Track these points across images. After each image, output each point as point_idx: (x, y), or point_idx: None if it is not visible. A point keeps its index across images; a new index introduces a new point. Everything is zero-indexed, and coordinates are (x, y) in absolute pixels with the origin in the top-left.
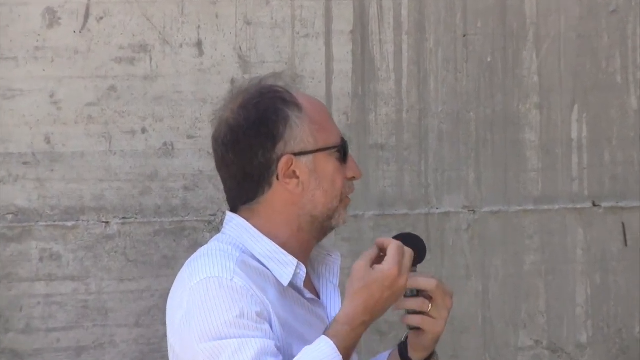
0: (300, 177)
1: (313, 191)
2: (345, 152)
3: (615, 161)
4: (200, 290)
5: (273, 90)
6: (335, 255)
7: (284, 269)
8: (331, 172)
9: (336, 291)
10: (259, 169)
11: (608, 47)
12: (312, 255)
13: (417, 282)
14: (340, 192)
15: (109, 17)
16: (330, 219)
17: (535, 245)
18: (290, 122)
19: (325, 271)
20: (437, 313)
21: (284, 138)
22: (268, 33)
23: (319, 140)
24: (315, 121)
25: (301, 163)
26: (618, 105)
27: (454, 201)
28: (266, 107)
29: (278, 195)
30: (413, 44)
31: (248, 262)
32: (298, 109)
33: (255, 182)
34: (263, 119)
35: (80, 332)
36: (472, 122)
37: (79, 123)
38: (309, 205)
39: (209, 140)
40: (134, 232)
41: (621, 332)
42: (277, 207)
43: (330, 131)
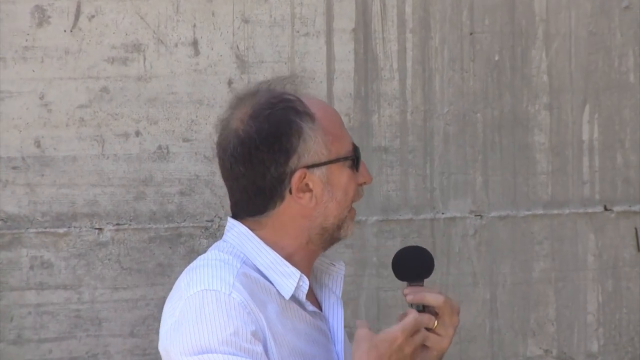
0: (314, 190)
1: (326, 203)
2: (358, 159)
3: (627, 164)
4: (196, 302)
5: (285, 99)
6: (340, 265)
7: (286, 281)
8: (344, 182)
9: (339, 303)
10: (271, 183)
11: (621, 45)
12: (315, 264)
13: (424, 298)
14: (350, 202)
15: (100, 15)
16: (339, 230)
17: (545, 251)
18: (304, 135)
19: (329, 281)
20: (443, 330)
21: (298, 152)
22: (266, 31)
23: (332, 151)
24: (328, 131)
25: (314, 176)
26: (631, 105)
27: (460, 206)
28: (279, 119)
29: (289, 209)
30: (417, 42)
31: (249, 274)
32: (311, 120)
33: (266, 196)
34: (276, 133)
35: (73, 343)
36: (479, 124)
37: (70, 126)
38: (320, 218)
39: (205, 143)
40: (128, 238)
41: (633, 340)
42: (286, 221)
43: (343, 139)
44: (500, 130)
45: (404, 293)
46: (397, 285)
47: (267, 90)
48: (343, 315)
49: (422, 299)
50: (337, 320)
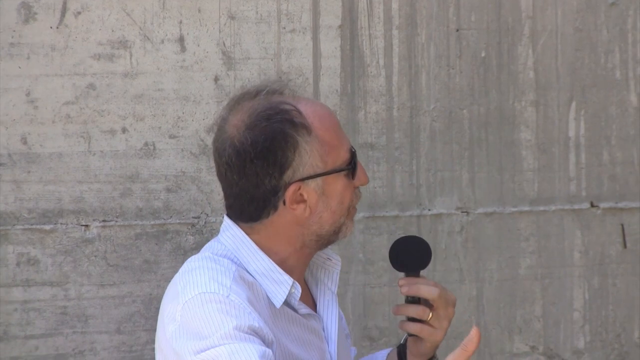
0: (308, 201)
1: (320, 213)
2: (355, 166)
3: (614, 161)
4: (195, 305)
5: (282, 110)
6: (336, 260)
7: (278, 289)
8: (340, 191)
9: (333, 300)
10: (264, 194)
11: (607, 42)
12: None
13: (419, 290)
14: (347, 208)
15: (87, 12)
16: (337, 234)
17: (531, 248)
18: (300, 149)
19: (324, 277)
20: (437, 322)
21: (293, 166)
22: (253, 28)
23: (328, 163)
24: (324, 142)
25: (309, 187)
26: (617, 102)
27: (446, 202)
28: (275, 132)
29: (283, 217)
30: (404, 39)
31: (245, 278)
32: (307, 132)
33: (259, 205)
34: (271, 147)
35: (59, 340)
36: (465, 120)
37: (56, 122)
38: (315, 226)
39: (191, 139)
40: (114, 235)
41: (620, 337)
42: (280, 228)
43: (339, 148)
44: (487, 127)
45: (399, 284)
46: (384, 281)
47: (265, 97)
48: (337, 314)
49: (417, 291)
50: (331, 319)
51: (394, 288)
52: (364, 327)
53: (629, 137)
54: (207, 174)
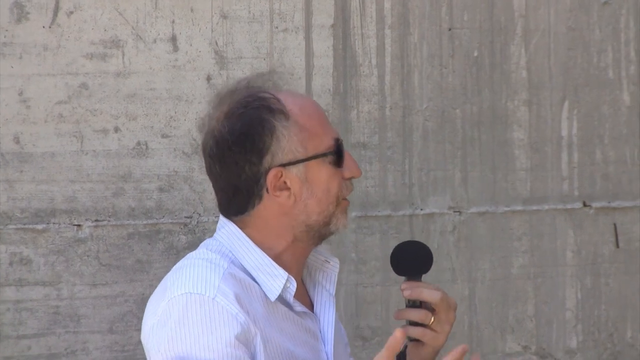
0: (292, 188)
1: (305, 201)
2: (340, 154)
3: (606, 160)
4: (179, 305)
5: (259, 97)
6: (334, 262)
7: (273, 282)
8: (325, 179)
9: (331, 301)
10: (246, 183)
11: (600, 41)
12: (308, 261)
13: (421, 294)
14: (335, 197)
15: (79, 11)
16: (327, 225)
17: (524, 247)
18: (277, 133)
19: (322, 279)
20: (439, 326)
21: (271, 150)
22: (245, 27)
23: (309, 148)
24: (304, 128)
25: (291, 173)
26: (610, 101)
27: (439, 202)
28: (251, 118)
29: (269, 207)
30: (396, 38)
31: (236, 275)
32: (285, 118)
33: (244, 196)
34: (248, 132)
35: (51, 339)
36: (458, 120)
37: (49, 122)
38: (302, 216)
39: (184, 139)
40: (106, 235)
41: (612, 336)
42: (269, 219)
43: (321, 136)
44: (479, 127)
45: (401, 288)
46: (376, 281)
47: (245, 88)
48: (334, 315)
49: (419, 295)
50: (328, 319)
51: (387, 287)
52: (356, 327)
53: (621, 136)
54: (199, 174)
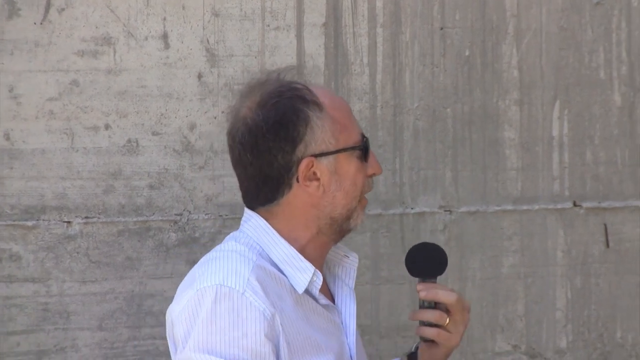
0: (321, 179)
1: (333, 192)
2: (367, 149)
3: (597, 160)
4: (209, 297)
5: (293, 87)
6: (353, 257)
7: (300, 276)
8: (353, 172)
9: (351, 295)
10: (278, 171)
11: (591, 41)
12: (328, 257)
13: (437, 295)
14: (360, 192)
15: (71, 8)
16: (348, 220)
17: (514, 247)
18: (311, 123)
19: (342, 273)
20: (454, 327)
21: (305, 140)
22: (237, 25)
23: (340, 141)
24: (336, 120)
25: (322, 165)
26: (601, 101)
27: (429, 201)
28: (285, 107)
29: (298, 197)
30: (388, 37)
31: (265, 268)
32: (319, 109)
33: (274, 185)
34: (282, 121)
35: (41, 336)
36: (449, 119)
37: (39, 119)
38: (329, 208)
39: (174, 136)
40: (96, 232)
41: (602, 336)
42: (296, 209)
43: (351, 130)
44: (470, 126)
45: (417, 289)
46: (366, 279)
47: (277, 79)
48: (355, 308)
49: (435, 296)
50: (350, 312)
51: (377, 286)
52: None
53: (612, 136)
54: (190, 171)
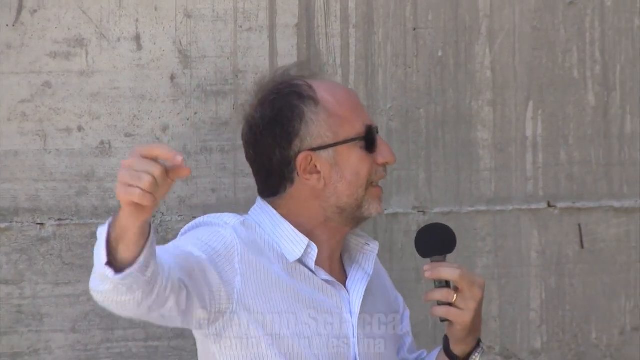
0: (322, 172)
1: (335, 184)
2: (372, 140)
3: (571, 160)
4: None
5: (291, 84)
6: (373, 245)
7: (293, 247)
8: (355, 163)
9: (364, 279)
10: (278, 166)
11: (565, 41)
12: (351, 244)
13: (440, 273)
14: (365, 182)
15: (43, 10)
16: (359, 208)
17: (488, 247)
18: (306, 118)
19: (362, 259)
20: (463, 303)
21: (300, 135)
22: (209, 26)
23: (338, 134)
24: (334, 114)
25: (321, 158)
26: (575, 101)
27: (403, 202)
28: (281, 104)
29: (301, 190)
30: (361, 37)
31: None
32: (314, 104)
33: (277, 179)
34: (278, 117)
35: (14, 338)
36: (422, 120)
37: (12, 120)
38: (333, 198)
39: (147, 138)
40: (70, 234)
41: (577, 337)
42: (301, 202)
43: (353, 122)
44: (444, 126)
45: (423, 270)
46: None
47: (281, 76)
48: (363, 292)
49: (439, 274)
50: (358, 293)
51: None
52: None
53: (586, 136)
54: None
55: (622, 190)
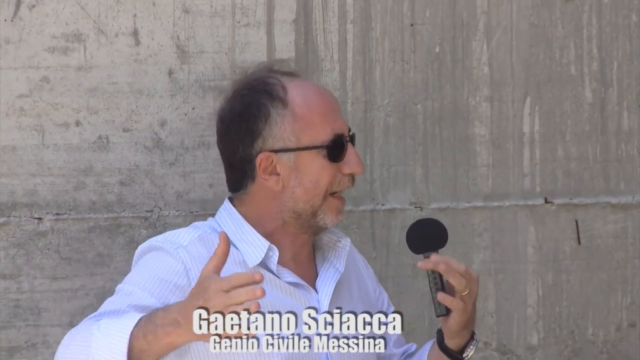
0: (281, 174)
1: (293, 188)
2: (338, 148)
3: (568, 156)
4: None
5: (265, 82)
6: (345, 241)
7: (254, 251)
8: (315, 171)
9: (333, 278)
10: (240, 162)
11: (562, 38)
12: (323, 242)
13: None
14: (324, 191)
15: (41, 5)
16: (314, 217)
17: (485, 243)
18: (270, 119)
19: (333, 257)
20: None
21: (263, 135)
22: (207, 22)
23: (302, 139)
24: (300, 118)
25: (282, 160)
26: (572, 97)
27: (400, 197)
28: (250, 101)
29: (261, 189)
30: (358, 33)
31: (213, 241)
32: (282, 106)
33: (239, 174)
34: (244, 114)
35: (12, 332)
36: (419, 115)
37: (10, 115)
38: (290, 202)
39: (145, 133)
40: (67, 228)
41: (573, 333)
42: (260, 201)
43: (319, 129)
44: (441, 122)
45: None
46: None
47: (260, 71)
48: (332, 290)
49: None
50: (326, 292)
51: None
52: None
53: (583, 132)
54: (160, 168)
55: (619, 186)
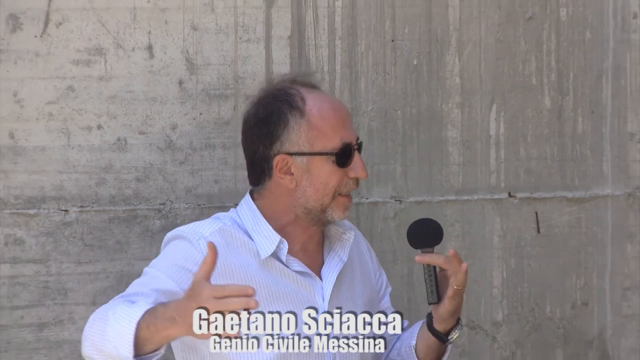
0: (295, 174)
1: (304, 188)
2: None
3: (529, 156)
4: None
5: (287, 92)
6: (349, 234)
7: (266, 243)
8: (325, 174)
9: (337, 267)
10: (260, 161)
11: (525, 52)
12: (331, 234)
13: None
14: (332, 191)
15: (67, 22)
16: (324, 213)
17: (456, 232)
18: (289, 126)
19: (339, 248)
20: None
21: (281, 139)
22: (213, 38)
23: (314, 146)
24: (314, 128)
25: (296, 162)
26: (533, 105)
27: (382, 192)
28: (272, 108)
29: (277, 186)
30: (346, 48)
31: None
32: (300, 115)
33: (258, 171)
34: (266, 119)
35: (42, 310)
36: (399, 120)
37: (40, 120)
38: (302, 199)
39: (158, 135)
40: (90, 219)
41: (534, 311)
42: (275, 196)
43: (331, 137)
44: (418, 126)
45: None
46: None
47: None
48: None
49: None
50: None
51: None
52: None
53: (543, 135)
54: (172, 166)
55: (574, 182)
